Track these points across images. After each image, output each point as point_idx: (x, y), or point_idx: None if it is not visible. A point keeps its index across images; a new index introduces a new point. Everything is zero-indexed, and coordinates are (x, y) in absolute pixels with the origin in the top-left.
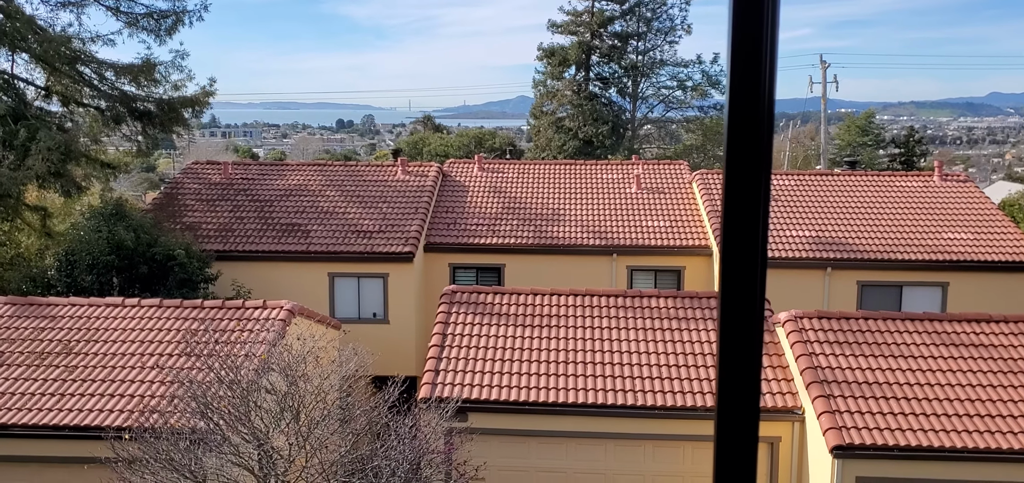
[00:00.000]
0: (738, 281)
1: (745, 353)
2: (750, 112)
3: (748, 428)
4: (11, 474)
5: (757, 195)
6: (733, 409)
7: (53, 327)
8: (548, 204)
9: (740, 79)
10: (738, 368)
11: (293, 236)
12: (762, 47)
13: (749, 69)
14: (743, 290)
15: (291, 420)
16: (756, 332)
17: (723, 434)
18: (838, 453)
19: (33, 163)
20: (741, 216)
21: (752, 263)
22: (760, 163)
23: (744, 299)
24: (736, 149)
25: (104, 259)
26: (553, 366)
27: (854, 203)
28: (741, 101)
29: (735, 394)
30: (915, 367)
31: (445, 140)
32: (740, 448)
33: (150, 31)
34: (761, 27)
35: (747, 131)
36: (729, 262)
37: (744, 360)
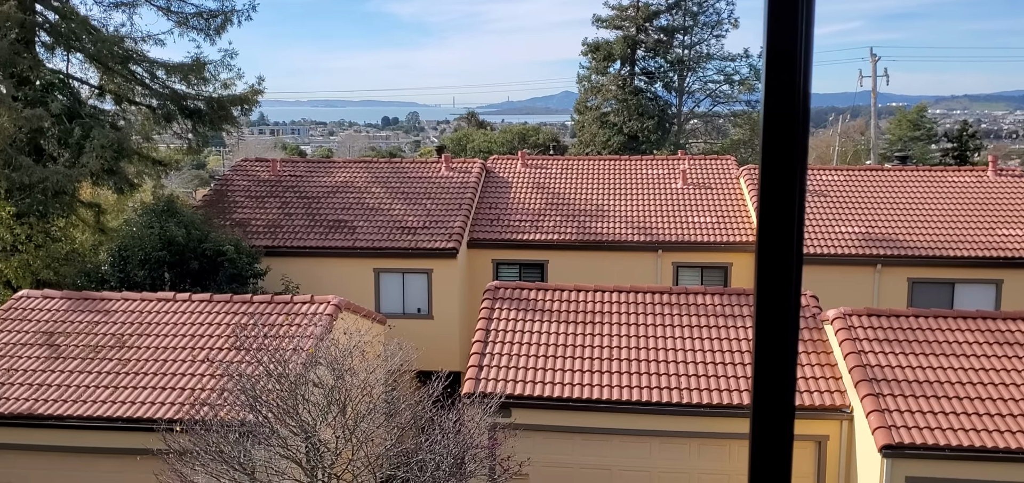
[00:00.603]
0: (774, 278)
1: (780, 350)
2: (785, 110)
3: (783, 426)
4: (66, 464)
5: (792, 192)
6: (768, 407)
7: (107, 321)
8: (592, 200)
9: (775, 77)
10: (773, 365)
11: (339, 232)
12: (797, 45)
13: (784, 66)
14: (778, 287)
15: (338, 413)
16: (792, 329)
17: (758, 432)
18: (887, 452)
19: (87, 160)
20: (776, 213)
21: (787, 260)
22: (795, 161)
23: (779, 297)
24: (772, 147)
25: (156, 255)
26: (597, 363)
27: (905, 199)
28: (776, 99)
29: (770, 392)
30: (967, 366)
31: (489, 136)
32: (775, 446)
33: (200, 30)
34: (796, 25)
35: (782, 129)
36: (765, 260)
37: (779, 357)
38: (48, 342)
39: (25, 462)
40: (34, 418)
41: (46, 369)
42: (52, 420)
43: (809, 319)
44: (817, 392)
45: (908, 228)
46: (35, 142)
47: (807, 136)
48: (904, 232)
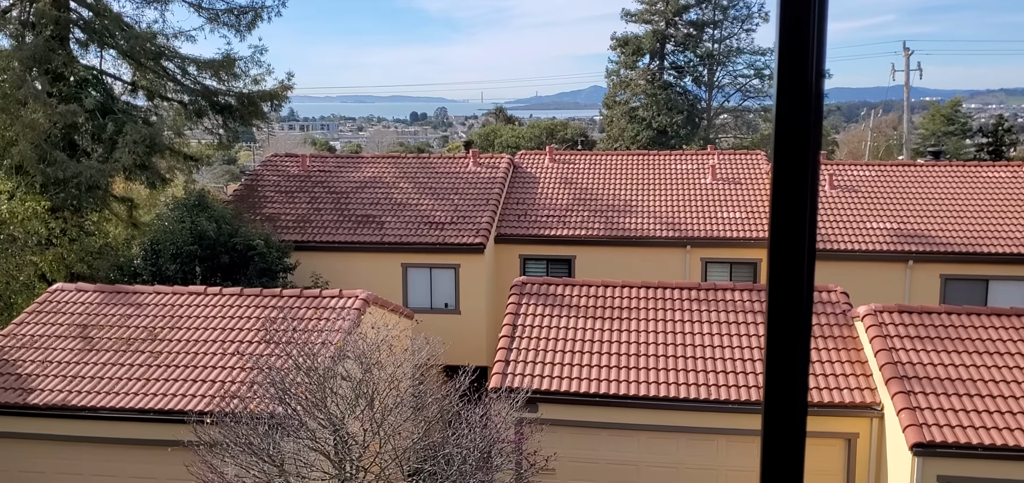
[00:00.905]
0: (785, 275)
1: (792, 348)
2: (797, 105)
3: (795, 424)
4: (99, 455)
5: (804, 190)
6: (780, 404)
7: (139, 314)
8: (620, 195)
9: (788, 74)
10: (785, 362)
11: (368, 227)
12: (809, 41)
13: (796, 63)
14: (790, 284)
15: (365, 407)
16: (804, 327)
17: (770, 429)
18: (918, 451)
19: (120, 156)
20: (788, 210)
21: (800, 257)
22: (807, 158)
23: (791, 294)
24: (784, 144)
25: (187, 249)
26: (624, 358)
27: (938, 194)
28: (789, 96)
29: (782, 389)
30: (1001, 364)
31: (517, 131)
32: (787, 444)
33: (230, 27)
34: (808, 20)
35: (794, 124)
36: (777, 256)
37: (791, 354)
38: (81, 334)
39: (59, 452)
40: (68, 409)
41: (79, 361)
42: (85, 411)
43: (839, 316)
44: (847, 389)
45: (941, 224)
46: (69, 138)
47: (820, 131)
48: (937, 228)
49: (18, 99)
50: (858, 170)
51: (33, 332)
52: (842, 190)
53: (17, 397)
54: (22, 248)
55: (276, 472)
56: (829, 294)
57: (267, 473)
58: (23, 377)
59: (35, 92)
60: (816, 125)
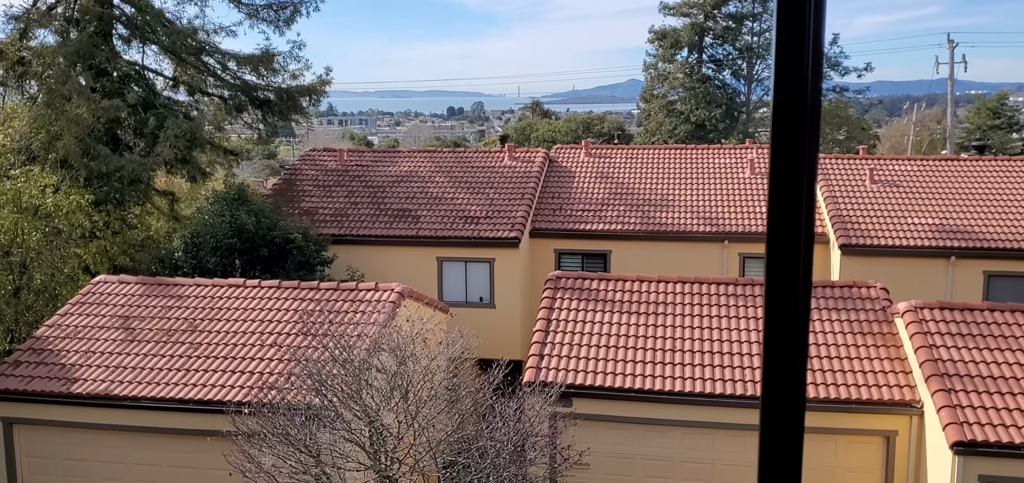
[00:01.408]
0: (783, 268)
1: (789, 340)
2: (794, 100)
3: (793, 419)
4: (139, 444)
5: (800, 180)
6: (777, 398)
7: (180, 306)
8: (656, 189)
9: (785, 67)
10: (783, 356)
11: (404, 221)
12: (805, 32)
13: (793, 56)
14: (787, 277)
15: (400, 399)
16: (801, 320)
17: (768, 424)
18: (959, 449)
19: (162, 150)
20: (785, 201)
21: (796, 249)
22: (803, 148)
23: (788, 286)
24: (781, 137)
25: (227, 242)
26: (659, 354)
27: (982, 189)
28: (786, 91)
29: (780, 383)
30: None
31: (553, 126)
32: (784, 439)
33: (269, 22)
34: (805, 14)
35: (791, 117)
36: (774, 250)
37: (788, 347)
38: (124, 325)
39: (100, 441)
40: (110, 399)
41: (121, 351)
42: (127, 401)
43: (879, 312)
44: (886, 386)
45: (985, 220)
46: (112, 132)
47: (818, 122)
48: (980, 224)
49: (63, 94)
50: (899, 165)
51: (77, 323)
52: (883, 185)
53: (61, 386)
54: (66, 241)
55: (312, 462)
56: (868, 290)
57: (303, 463)
58: (67, 367)
59: (79, 87)
60: (813, 120)
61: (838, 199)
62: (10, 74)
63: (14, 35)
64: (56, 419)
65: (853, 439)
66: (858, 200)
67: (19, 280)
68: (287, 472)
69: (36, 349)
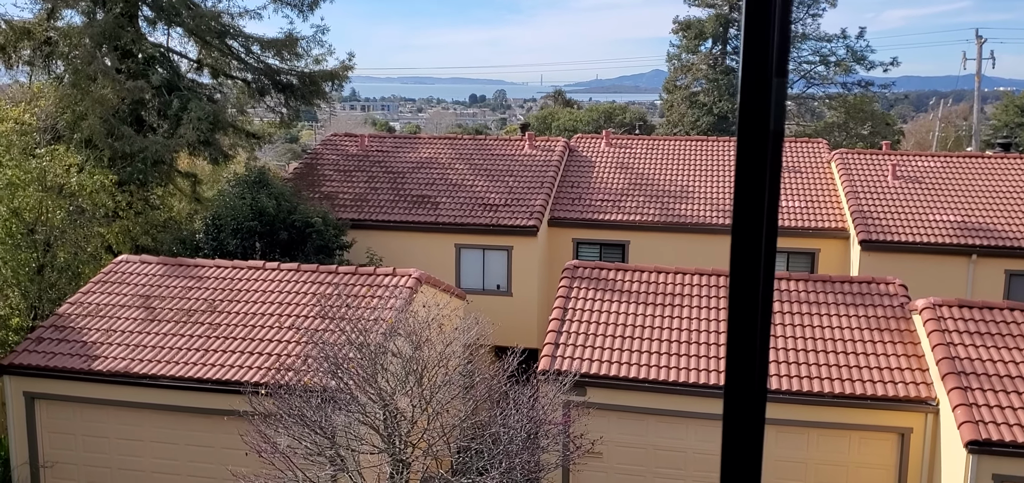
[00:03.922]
0: (745, 261)
1: (750, 333)
2: (758, 95)
3: (754, 412)
4: (158, 421)
5: (763, 172)
6: (739, 391)
7: (200, 287)
8: (676, 181)
9: (751, 57)
10: (744, 349)
11: (423, 207)
12: (770, 26)
13: (759, 46)
14: (749, 271)
15: (415, 384)
16: (763, 312)
17: (730, 416)
18: (973, 448)
19: (185, 132)
20: (750, 194)
21: (757, 243)
22: (766, 147)
23: (750, 279)
24: (747, 135)
25: (247, 224)
26: (675, 345)
27: (1006, 187)
28: (751, 86)
29: (741, 376)
30: None
31: (574, 115)
32: (745, 431)
33: (293, 6)
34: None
35: (755, 114)
36: (738, 243)
37: (749, 340)
38: (145, 305)
39: (121, 417)
40: (130, 376)
41: (142, 330)
42: (147, 379)
43: (896, 308)
44: (901, 383)
45: (1008, 218)
46: (136, 113)
47: (782, 120)
48: (1003, 222)
49: (88, 75)
50: (922, 161)
51: (99, 301)
52: (905, 181)
53: (83, 363)
54: (90, 220)
55: (327, 444)
56: (887, 286)
57: (318, 445)
58: (89, 344)
59: (104, 68)
60: (778, 116)
61: (859, 194)
62: (37, 54)
63: (41, 15)
64: (77, 395)
65: (867, 435)
66: (880, 196)
67: (43, 258)
68: (302, 453)
69: (58, 326)
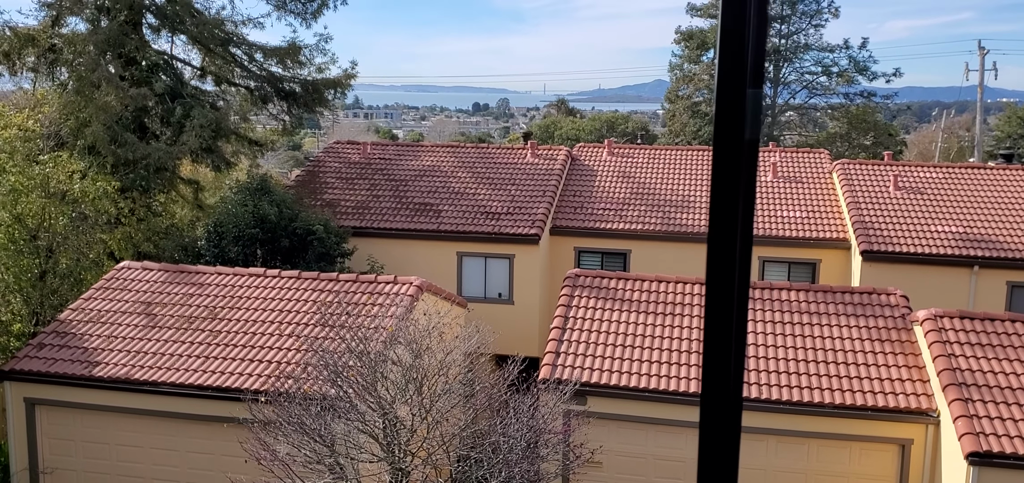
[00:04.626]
0: (720, 270)
1: (725, 341)
2: (734, 106)
3: (729, 420)
4: (158, 428)
5: (738, 181)
6: (715, 398)
7: (201, 294)
8: (678, 191)
9: (727, 68)
10: (720, 357)
11: (425, 215)
12: (745, 38)
13: (735, 58)
14: (724, 280)
15: (415, 392)
16: (738, 321)
17: (706, 424)
18: (974, 460)
19: (188, 139)
20: (724, 203)
21: (731, 254)
22: (740, 158)
23: (724, 288)
24: (722, 145)
25: (249, 231)
26: (676, 355)
27: (1008, 199)
28: (727, 98)
29: (717, 384)
30: None
31: (577, 124)
32: (721, 439)
33: (297, 14)
34: (745, 24)
35: (731, 124)
36: (714, 252)
37: (724, 348)
38: (146, 311)
39: (121, 424)
40: (131, 383)
41: (143, 337)
42: (147, 385)
43: (897, 319)
44: (902, 394)
45: (1010, 229)
46: (139, 120)
47: (758, 133)
48: (1005, 233)
49: (92, 82)
50: (925, 172)
51: (100, 307)
52: (907, 191)
53: (84, 369)
54: (92, 226)
55: (326, 452)
56: (888, 297)
57: (318, 453)
58: (89, 350)
59: (108, 75)
60: (754, 125)
61: (861, 205)
62: (41, 61)
63: (46, 22)
64: (77, 401)
65: (868, 446)
66: (881, 206)
67: (45, 264)
68: (301, 461)
69: (60, 332)
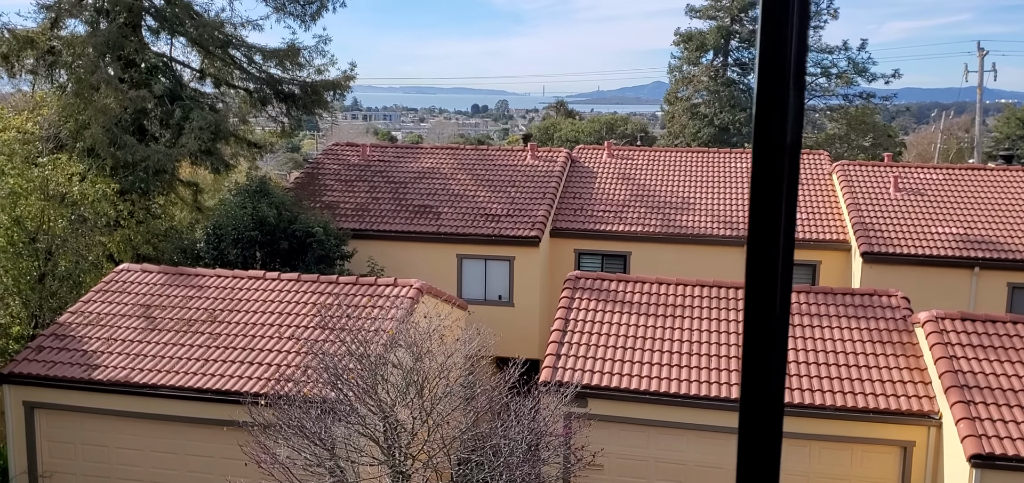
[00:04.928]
0: (762, 272)
1: (767, 345)
2: (776, 103)
3: (771, 425)
4: (158, 431)
5: (780, 184)
6: (755, 404)
7: (200, 296)
8: (678, 192)
9: (768, 63)
10: (761, 361)
11: (425, 217)
12: (787, 37)
13: (776, 57)
14: (766, 282)
15: (415, 395)
16: (780, 325)
17: (746, 430)
18: (976, 462)
19: (187, 141)
20: (766, 204)
21: (774, 254)
22: (783, 158)
23: (767, 291)
24: (763, 144)
25: (248, 234)
26: (676, 357)
27: (1008, 200)
28: (768, 97)
29: (758, 389)
30: None
31: (576, 125)
32: (762, 445)
33: (296, 16)
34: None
35: (772, 117)
36: (754, 252)
37: (766, 353)
38: (145, 314)
39: (120, 427)
40: (130, 386)
41: (142, 339)
42: (146, 388)
43: (899, 321)
44: (904, 396)
45: (1010, 231)
46: (139, 122)
47: (800, 132)
48: (1006, 235)
49: (91, 84)
50: (925, 173)
51: (100, 310)
52: (907, 193)
53: (83, 372)
54: (92, 228)
55: (327, 455)
56: (889, 299)
57: (318, 456)
58: (88, 353)
59: (107, 78)
60: (795, 127)
61: (861, 206)
62: (40, 63)
63: (45, 24)
64: (76, 405)
65: (869, 448)
66: (881, 208)
67: (44, 266)
68: (301, 464)
69: (59, 335)
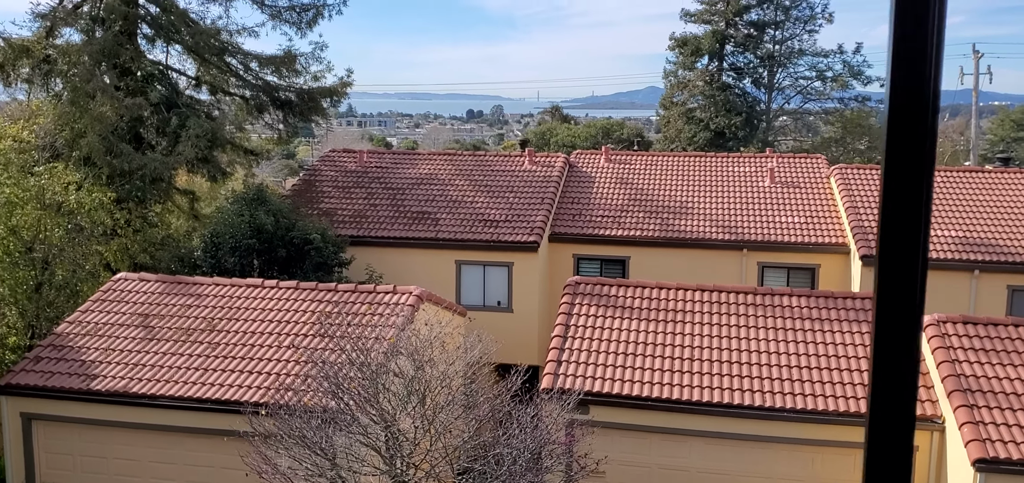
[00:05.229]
0: (896, 285)
1: (901, 361)
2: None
3: (902, 440)
4: (157, 442)
5: (919, 196)
6: (886, 419)
7: (198, 305)
8: (676, 197)
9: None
10: (893, 376)
11: (423, 223)
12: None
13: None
14: (901, 295)
15: (417, 404)
16: (914, 339)
17: (875, 445)
18: (981, 466)
19: (183, 149)
20: (901, 217)
21: (912, 266)
22: (923, 161)
23: (902, 304)
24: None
25: (246, 242)
26: (677, 362)
27: (1006, 202)
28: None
29: (889, 403)
30: None
31: (572, 130)
32: (894, 460)
33: (292, 23)
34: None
35: (909, 127)
36: (887, 265)
37: (900, 368)
38: (143, 323)
39: (119, 438)
40: (128, 396)
41: (140, 349)
42: (145, 399)
43: None
44: None
45: (1009, 233)
46: (135, 130)
47: (936, 135)
48: (1004, 237)
49: (87, 92)
50: None
51: (97, 320)
52: None
53: (81, 383)
54: (88, 238)
55: (328, 465)
56: None
57: (319, 466)
58: (86, 364)
59: (103, 86)
60: (932, 127)
61: (859, 209)
62: (36, 72)
63: (40, 33)
64: (74, 416)
65: None
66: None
67: (41, 276)
68: (302, 474)
69: (56, 345)
